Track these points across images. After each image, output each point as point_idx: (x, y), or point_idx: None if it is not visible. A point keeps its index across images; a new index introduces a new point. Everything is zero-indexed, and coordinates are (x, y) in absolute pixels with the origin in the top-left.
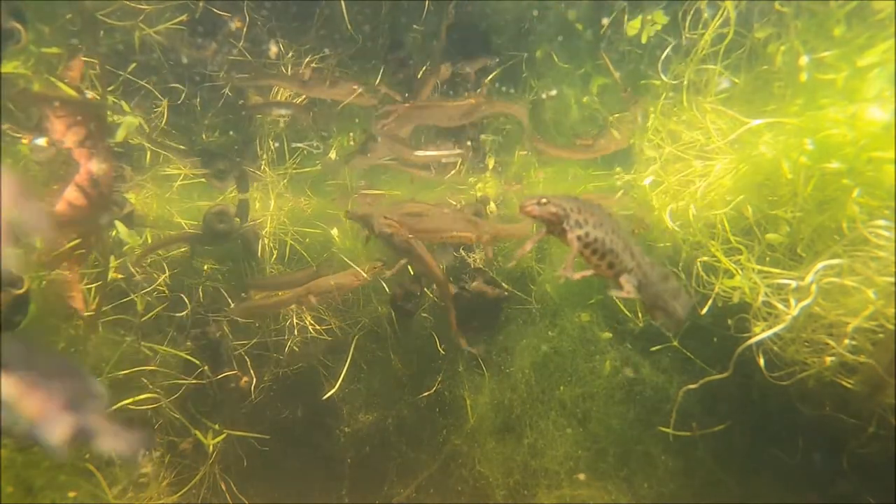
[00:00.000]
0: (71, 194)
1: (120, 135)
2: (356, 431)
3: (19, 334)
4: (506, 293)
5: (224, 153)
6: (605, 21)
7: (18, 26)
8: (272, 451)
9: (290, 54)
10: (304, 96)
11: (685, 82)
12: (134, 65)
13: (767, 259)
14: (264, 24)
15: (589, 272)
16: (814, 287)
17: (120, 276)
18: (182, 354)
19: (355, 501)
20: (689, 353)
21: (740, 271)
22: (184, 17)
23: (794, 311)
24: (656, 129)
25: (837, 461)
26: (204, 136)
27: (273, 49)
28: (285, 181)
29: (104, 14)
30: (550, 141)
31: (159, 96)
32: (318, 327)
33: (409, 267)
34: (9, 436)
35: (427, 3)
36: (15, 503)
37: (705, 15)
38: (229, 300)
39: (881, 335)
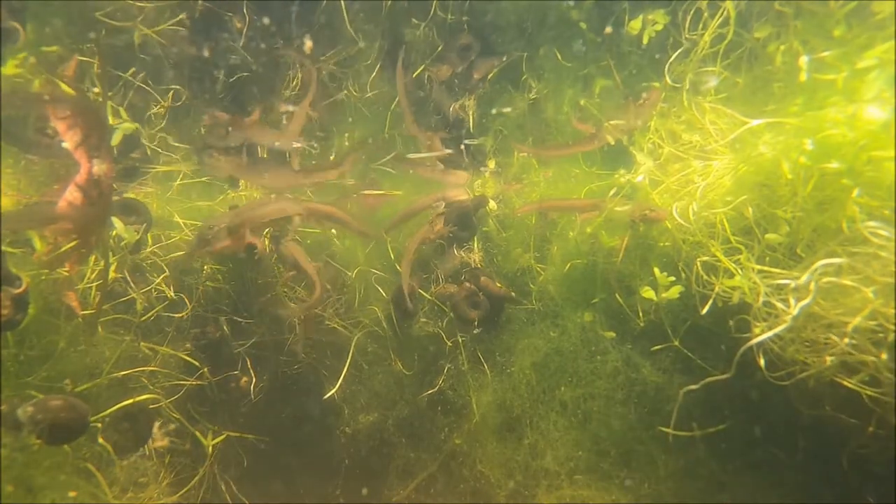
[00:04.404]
0: (71, 194)
1: (116, 139)
2: (356, 432)
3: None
4: (511, 292)
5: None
6: (609, 29)
7: (17, 26)
8: (272, 450)
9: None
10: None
11: (686, 83)
12: (133, 68)
13: (767, 259)
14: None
15: None
16: (813, 286)
17: (118, 275)
18: (181, 355)
19: (355, 501)
20: (689, 354)
21: (740, 271)
22: (182, 16)
23: (794, 311)
24: (655, 128)
25: (837, 461)
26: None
27: (308, 44)
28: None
29: (103, 14)
30: (545, 142)
31: (158, 98)
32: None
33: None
34: None
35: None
36: (15, 503)
37: (705, 14)
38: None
39: (881, 335)
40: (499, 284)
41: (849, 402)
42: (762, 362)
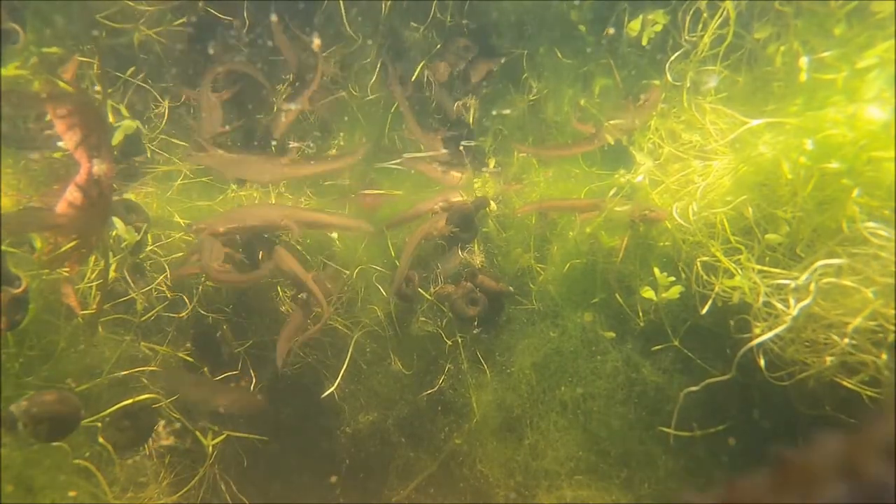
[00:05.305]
0: (71, 194)
1: (117, 138)
2: (357, 432)
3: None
4: (509, 287)
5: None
6: (612, 31)
7: (17, 27)
8: (272, 450)
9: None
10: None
11: (686, 82)
12: (133, 67)
13: (767, 259)
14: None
15: None
16: (813, 287)
17: (118, 275)
18: (181, 355)
19: (354, 501)
20: (689, 354)
21: (740, 271)
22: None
23: (794, 312)
24: (655, 128)
25: None
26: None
27: (316, 42)
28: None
29: (103, 15)
30: (545, 142)
31: (158, 98)
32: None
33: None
34: None
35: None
36: (15, 503)
37: (705, 14)
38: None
39: (881, 335)
40: (496, 282)
41: (849, 402)
42: (762, 362)
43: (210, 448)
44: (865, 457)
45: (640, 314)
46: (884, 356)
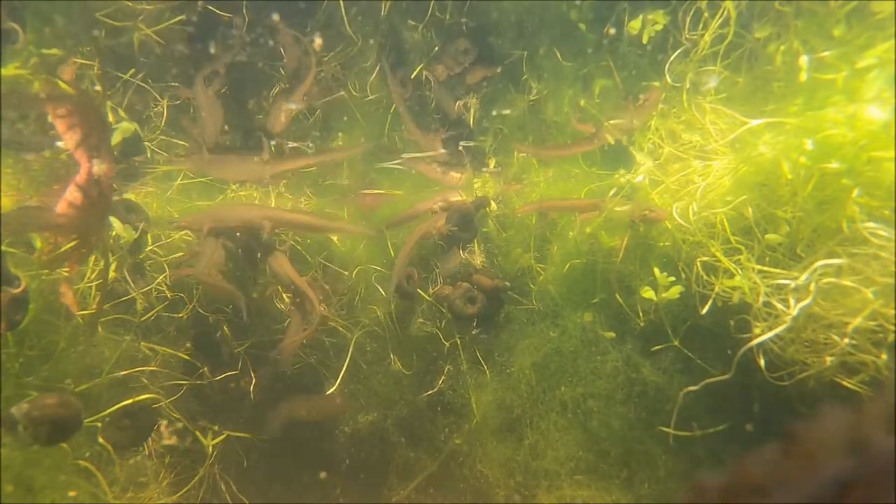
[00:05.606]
0: (71, 194)
1: (115, 140)
2: (356, 431)
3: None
4: (506, 282)
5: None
6: (612, 31)
7: (16, 27)
8: (272, 450)
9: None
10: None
11: (686, 83)
12: (133, 69)
13: (767, 259)
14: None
15: None
16: (813, 287)
17: (117, 275)
18: (181, 355)
19: (354, 501)
20: (689, 354)
21: (740, 271)
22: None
23: (794, 312)
24: (655, 128)
25: None
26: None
27: (318, 41)
28: (284, 180)
29: (103, 14)
30: (545, 142)
31: (158, 98)
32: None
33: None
34: None
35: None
36: (15, 503)
37: (706, 14)
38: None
39: (881, 335)
40: (492, 279)
41: (849, 402)
42: (762, 362)
43: (210, 448)
44: (869, 428)
45: (640, 314)
46: (884, 356)
